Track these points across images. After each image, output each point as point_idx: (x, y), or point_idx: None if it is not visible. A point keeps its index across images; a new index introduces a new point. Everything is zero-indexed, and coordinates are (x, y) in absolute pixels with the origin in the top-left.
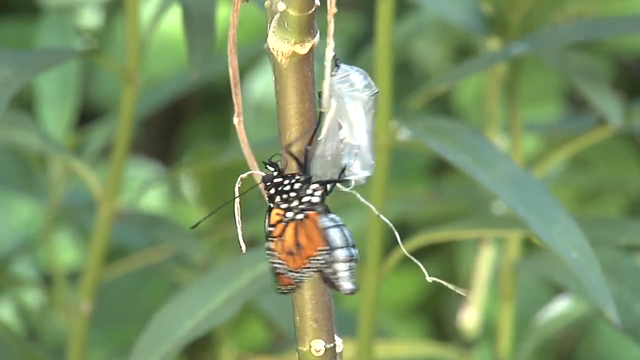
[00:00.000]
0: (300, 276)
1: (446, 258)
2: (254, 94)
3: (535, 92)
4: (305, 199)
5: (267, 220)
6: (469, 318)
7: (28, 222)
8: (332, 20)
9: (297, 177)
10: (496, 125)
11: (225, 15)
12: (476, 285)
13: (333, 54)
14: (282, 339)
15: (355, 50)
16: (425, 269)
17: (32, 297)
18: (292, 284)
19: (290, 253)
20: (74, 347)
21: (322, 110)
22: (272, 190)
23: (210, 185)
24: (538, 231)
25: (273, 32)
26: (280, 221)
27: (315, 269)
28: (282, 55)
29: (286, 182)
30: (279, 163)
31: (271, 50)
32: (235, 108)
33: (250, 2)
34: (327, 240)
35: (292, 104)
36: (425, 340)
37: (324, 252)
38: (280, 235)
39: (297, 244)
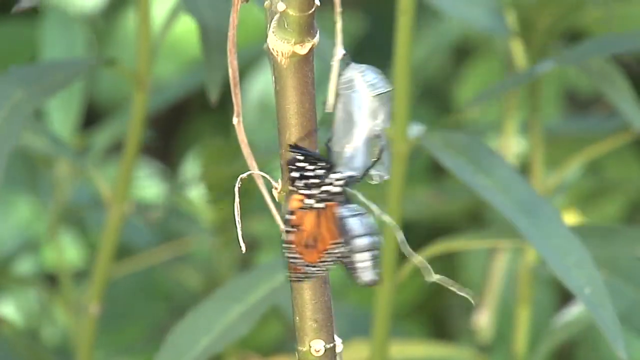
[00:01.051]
0: (317, 270)
1: (447, 258)
2: (258, 92)
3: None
4: (325, 187)
5: (285, 206)
6: (482, 320)
7: (33, 221)
8: (339, 20)
9: (322, 163)
10: (514, 128)
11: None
12: (490, 289)
13: (343, 52)
14: (293, 335)
15: (356, 50)
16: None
17: (36, 296)
18: (305, 273)
19: (307, 246)
20: (83, 349)
21: (328, 110)
22: (296, 174)
23: (215, 186)
24: (552, 263)
25: (273, 32)
26: (300, 208)
27: (331, 262)
28: (282, 55)
29: (310, 167)
30: (305, 147)
31: (271, 50)
32: (235, 108)
33: (251, 2)
34: (344, 231)
35: (292, 104)
36: (433, 341)
37: (340, 244)
38: (300, 224)
39: (315, 237)
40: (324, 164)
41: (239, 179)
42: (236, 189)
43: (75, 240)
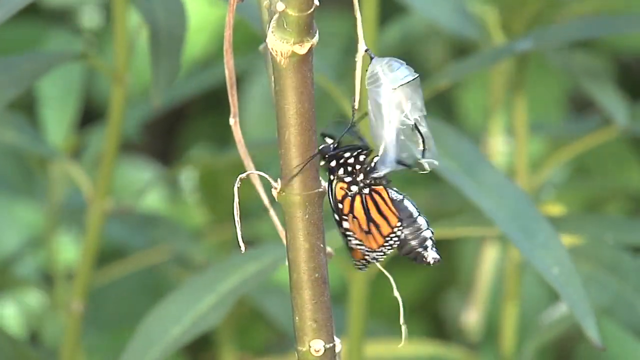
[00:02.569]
0: (381, 255)
1: (446, 258)
2: (260, 92)
3: (539, 95)
4: (371, 173)
5: (331, 195)
6: (471, 318)
7: (30, 223)
8: (359, 16)
9: (361, 149)
10: (499, 127)
11: (221, 15)
12: (478, 285)
13: (365, 48)
14: (283, 339)
15: (348, 49)
16: (426, 268)
17: (34, 298)
18: (367, 260)
19: (367, 232)
20: (67, 347)
21: (354, 105)
22: (333, 163)
23: (211, 186)
24: (518, 244)
25: (272, 32)
26: (345, 195)
27: (393, 246)
28: (282, 55)
29: (348, 154)
30: (335, 135)
31: (270, 50)
32: (232, 109)
33: (246, 3)
34: (402, 214)
35: (291, 104)
36: (423, 339)
37: (400, 227)
38: (350, 211)
39: (373, 222)
40: (362, 149)
41: (238, 179)
42: (235, 189)
43: (73, 241)
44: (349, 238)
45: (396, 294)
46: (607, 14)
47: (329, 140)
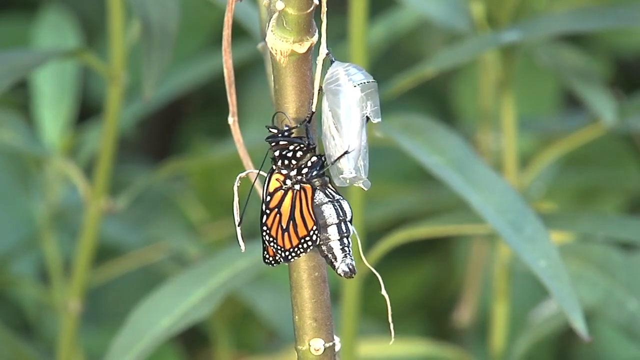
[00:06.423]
0: (293, 256)
1: (444, 256)
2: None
3: (532, 91)
4: (303, 170)
5: (266, 186)
6: (465, 316)
7: (26, 222)
8: (324, 19)
9: (301, 144)
10: (490, 123)
11: (219, 15)
12: (471, 283)
13: (327, 51)
14: (275, 338)
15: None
16: (423, 266)
17: (31, 297)
18: (279, 258)
19: (285, 230)
20: (64, 346)
21: (314, 109)
22: (277, 152)
23: (207, 183)
24: (506, 238)
25: (272, 31)
26: (279, 188)
27: (305, 250)
28: (281, 54)
29: (291, 147)
30: (284, 125)
31: (270, 49)
32: (230, 108)
33: (245, 3)
34: (317, 218)
35: (290, 103)
36: (422, 338)
37: (316, 231)
38: (278, 206)
39: (293, 221)
40: (303, 145)
41: (237, 178)
42: (235, 189)
43: (70, 240)
44: (264, 233)
45: (384, 292)
46: (600, 7)
47: (274, 131)
